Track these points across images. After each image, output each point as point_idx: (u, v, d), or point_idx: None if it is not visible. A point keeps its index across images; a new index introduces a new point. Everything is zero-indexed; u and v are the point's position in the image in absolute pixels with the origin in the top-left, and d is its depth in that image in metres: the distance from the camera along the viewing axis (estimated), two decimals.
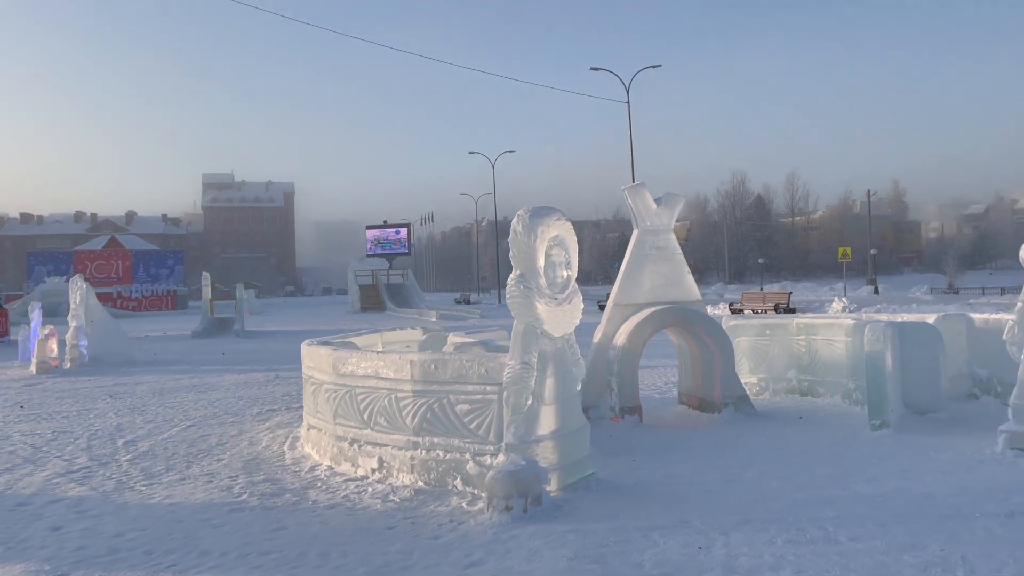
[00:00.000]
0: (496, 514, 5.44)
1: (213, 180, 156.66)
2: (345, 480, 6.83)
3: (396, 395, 6.69)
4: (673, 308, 9.17)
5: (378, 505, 6.03)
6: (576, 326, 6.34)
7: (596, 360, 9.24)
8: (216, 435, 9.28)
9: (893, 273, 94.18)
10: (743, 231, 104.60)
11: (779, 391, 10.79)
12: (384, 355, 6.84)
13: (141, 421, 10.47)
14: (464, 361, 6.31)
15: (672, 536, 5.07)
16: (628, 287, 9.41)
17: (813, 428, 8.59)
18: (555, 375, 6.07)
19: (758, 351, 11.06)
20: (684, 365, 9.89)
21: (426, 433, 6.50)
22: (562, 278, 6.13)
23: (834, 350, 10.22)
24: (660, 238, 9.49)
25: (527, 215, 5.90)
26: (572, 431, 6.20)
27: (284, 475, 7.14)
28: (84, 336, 19.72)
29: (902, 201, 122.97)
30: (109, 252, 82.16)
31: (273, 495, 6.43)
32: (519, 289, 5.84)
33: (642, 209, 9.38)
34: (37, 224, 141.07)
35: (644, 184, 9.42)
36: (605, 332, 9.31)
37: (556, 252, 6.09)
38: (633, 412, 8.90)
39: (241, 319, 32.71)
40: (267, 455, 8.07)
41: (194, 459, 7.93)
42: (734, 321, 11.35)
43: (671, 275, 9.49)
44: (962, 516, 5.34)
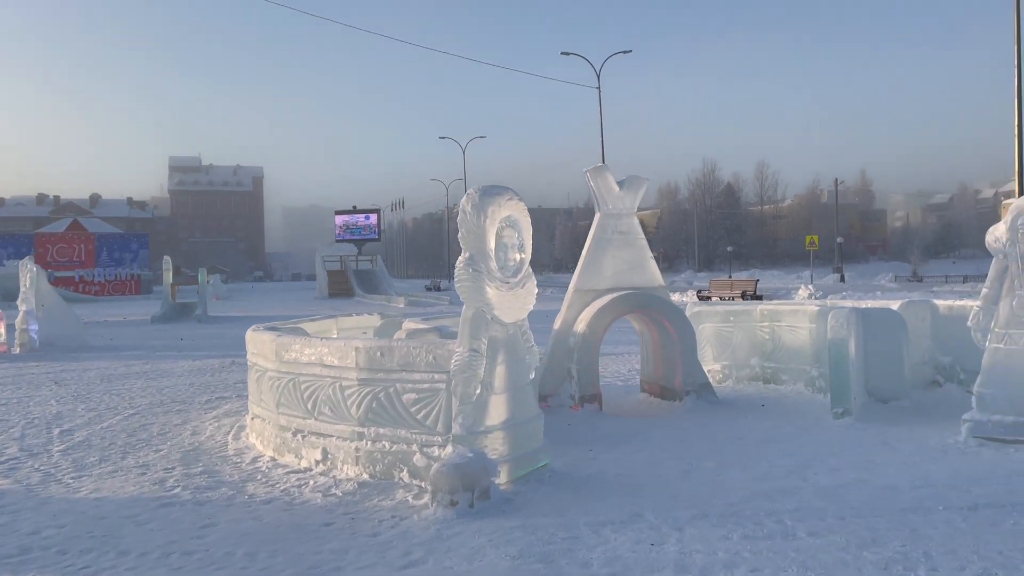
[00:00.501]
0: (440, 509, 5.15)
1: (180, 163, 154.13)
2: (287, 472, 6.50)
3: (341, 383, 6.36)
4: (635, 294, 8.92)
5: (318, 499, 5.72)
6: (530, 311, 6.05)
7: (556, 347, 8.97)
8: (159, 424, 8.89)
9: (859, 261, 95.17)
10: (713, 219, 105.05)
11: (742, 378, 10.61)
12: (328, 342, 6.51)
13: (83, 409, 10.03)
14: (411, 348, 5.99)
15: (624, 532, 4.81)
16: (589, 272, 9.14)
17: (775, 416, 8.41)
18: (506, 363, 5.78)
19: (722, 338, 10.87)
20: (646, 352, 9.66)
21: (372, 423, 6.19)
22: (515, 261, 5.84)
23: (798, 337, 10.05)
24: (623, 222, 9.22)
25: (477, 194, 5.59)
26: (524, 421, 5.92)
27: (223, 467, 6.79)
28: (34, 320, 19.08)
29: (869, 190, 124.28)
30: (71, 235, 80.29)
31: (208, 489, 6.08)
32: (468, 272, 5.54)
33: (604, 192, 9.10)
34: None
35: (607, 166, 9.13)
36: (565, 318, 9.04)
37: (508, 234, 5.79)
38: (593, 400, 8.65)
39: (204, 304, 32.04)
40: (209, 445, 7.71)
41: (131, 450, 7.55)
42: (698, 308, 11.14)
43: (633, 260, 9.23)
44: (925, 509, 5.14)
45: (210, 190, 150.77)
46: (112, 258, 76.29)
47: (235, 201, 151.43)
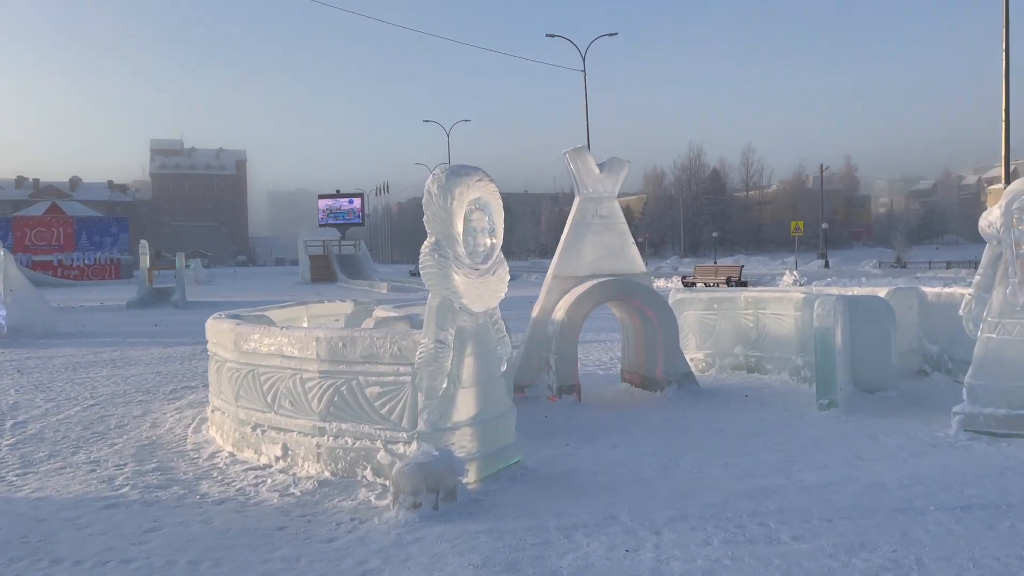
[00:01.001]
0: (402, 512, 4.82)
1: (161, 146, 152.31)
2: (245, 469, 6.15)
3: (301, 376, 6.01)
4: (615, 281, 8.59)
5: (275, 499, 5.37)
6: (501, 300, 5.71)
7: (534, 336, 8.64)
8: (118, 416, 8.51)
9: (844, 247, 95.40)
10: (699, 205, 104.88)
11: (726, 367, 10.33)
12: (288, 331, 6.14)
13: (41, 399, 9.63)
14: (375, 339, 5.64)
15: (597, 536, 4.50)
16: (568, 258, 8.80)
17: (759, 407, 8.12)
18: (475, 355, 5.44)
19: (705, 326, 10.57)
20: (627, 341, 9.35)
21: (333, 418, 5.84)
22: (484, 246, 5.49)
23: (783, 325, 9.77)
24: (603, 206, 8.88)
25: (444, 174, 5.23)
26: (494, 416, 5.59)
27: (179, 463, 6.43)
28: (1, 306, 18.56)
29: (854, 176, 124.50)
30: (50, 219, 79.04)
31: (159, 487, 5.72)
32: (433, 258, 5.18)
33: (584, 174, 8.75)
34: None
35: (586, 148, 8.78)
36: (543, 306, 8.71)
37: (478, 217, 5.44)
38: (572, 391, 8.34)
39: (181, 289, 31.49)
40: (167, 439, 7.34)
41: (84, 444, 7.17)
42: (681, 295, 10.84)
43: (614, 245, 8.90)
44: (915, 510, 4.86)
45: (192, 173, 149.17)
46: (92, 242, 75.18)
47: (218, 185, 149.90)
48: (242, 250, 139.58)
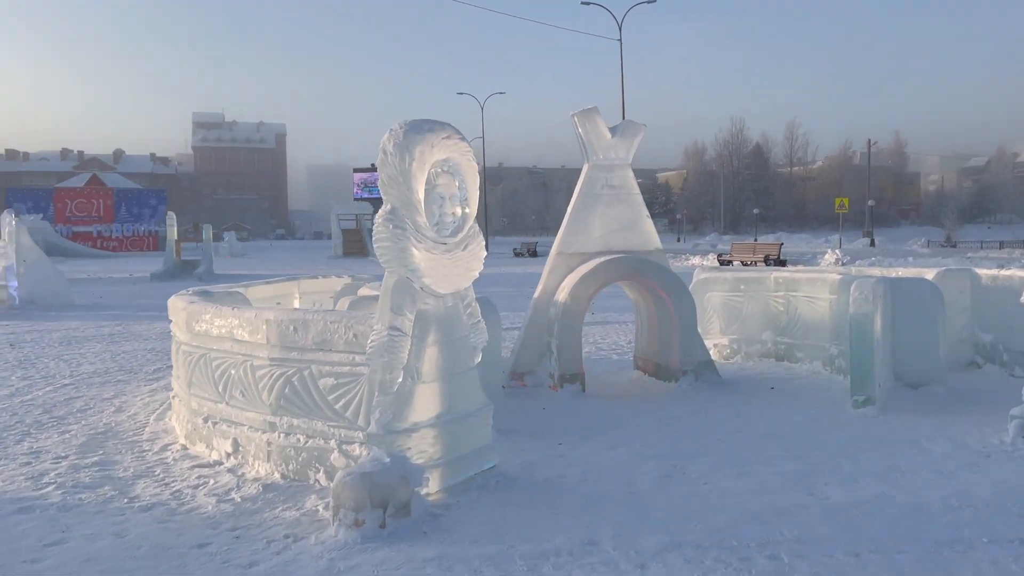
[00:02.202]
0: (343, 530, 4.07)
1: (203, 119, 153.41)
2: (193, 466, 5.46)
3: (252, 363, 5.28)
4: (626, 258, 7.72)
5: (209, 507, 4.66)
6: (475, 279, 4.90)
7: (535, 318, 7.83)
8: (86, 398, 7.90)
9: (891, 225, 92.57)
10: (740, 180, 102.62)
11: (752, 355, 9.42)
12: (239, 312, 5.41)
13: (17, 378, 9.09)
14: (328, 323, 4.87)
15: (569, 569, 3.71)
16: (574, 233, 7.95)
17: (785, 402, 7.22)
18: (440, 343, 4.64)
19: (731, 309, 9.65)
20: (640, 325, 8.49)
21: (284, 412, 5.11)
22: (453, 216, 4.67)
23: (816, 309, 8.82)
24: (615, 175, 7.99)
25: (402, 130, 4.41)
26: (463, 416, 4.80)
27: (124, 457, 5.77)
28: (14, 277, 18.24)
29: (903, 152, 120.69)
30: (90, 190, 79.93)
31: (88, 487, 5.05)
32: (387, 230, 4.38)
33: (593, 139, 7.86)
34: (22, 161, 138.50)
35: (596, 109, 7.88)
36: (546, 286, 7.87)
37: (445, 182, 4.62)
38: (575, 380, 7.52)
39: (208, 262, 31.22)
40: (126, 427, 6.70)
41: (34, 431, 6.55)
42: (705, 275, 9.92)
43: (626, 219, 8.02)
44: (963, 542, 3.98)
45: (233, 147, 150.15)
46: (131, 214, 75.84)
47: (258, 158, 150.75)
48: (281, 223, 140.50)
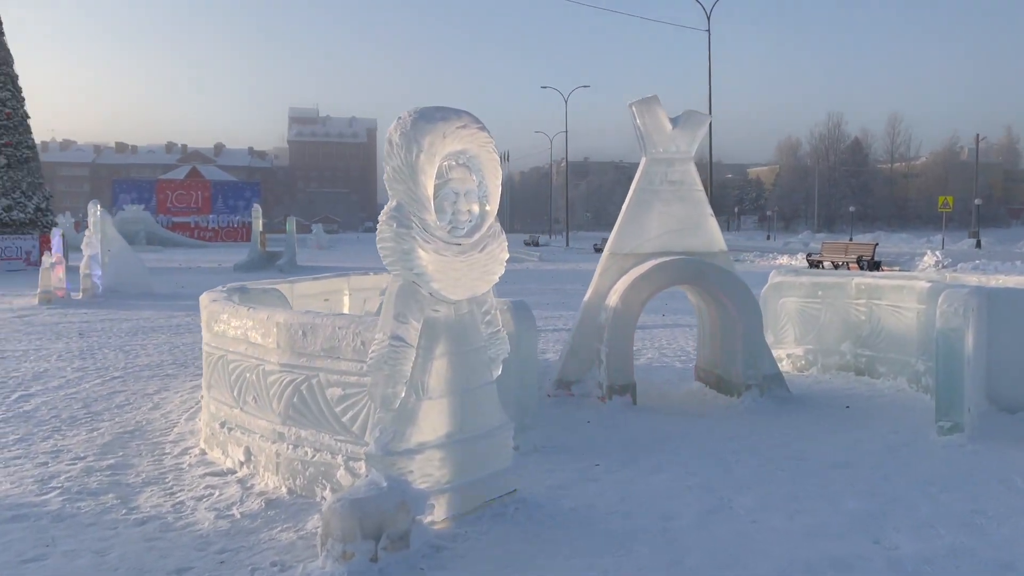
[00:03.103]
0: (330, 562, 3.66)
1: (299, 114, 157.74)
2: (204, 474, 5.19)
3: (264, 368, 4.95)
4: (684, 261, 7.10)
5: (206, 523, 4.34)
6: (494, 283, 4.43)
7: (584, 323, 7.29)
8: (128, 392, 7.80)
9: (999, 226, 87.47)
10: (836, 177, 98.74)
11: (829, 367, 8.63)
12: (253, 313, 5.09)
13: (71, 369, 9.12)
14: (336, 328, 4.49)
15: None
16: (629, 232, 7.37)
17: (860, 424, 6.48)
18: (450, 355, 4.19)
19: (807, 316, 8.88)
20: (702, 332, 7.85)
21: (293, 423, 4.76)
22: (468, 215, 4.20)
23: (902, 320, 7.98)
24: (675, 169, 7.37)
25: (410, 118, 3.97)
26: (477, 435, 4.33)
27: (142, 460, 5.54)
28: (98, 266, 18.75)
29: (1015, 148, 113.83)
30: (190, 183, 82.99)
31: (92, 493, 4.82)
32: (391, 228, 3.95)
33: (652, 130, 7.27)
34: (131, 154, 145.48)
35: (657, 98, 7.28)
36: (597, 288, 7.33)
37: (459, 176, 4.16)
38: (624, 391, 6.96)
39: (291, 253, 31.72)
40: (156, 426, 6.51)
41: (64, 428, 6.43)
42: (779, 278, 9.17)
43: (687, 218, 7.39)
44: None
45: (326, 141, 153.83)
46: (227, 205, 78.41)
47: (349, 152, 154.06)
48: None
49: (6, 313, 15.02)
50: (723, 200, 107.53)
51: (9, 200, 32.88)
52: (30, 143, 35.27)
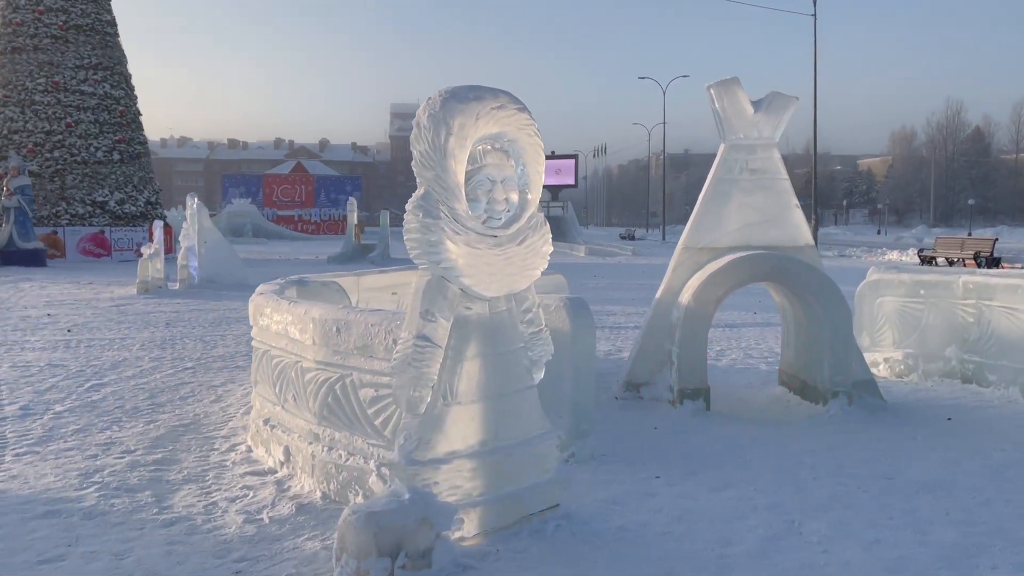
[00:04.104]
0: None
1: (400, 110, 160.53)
2: (245, 473, 5.03)
3: (301, 365, 4.75)
4: (764, 256, 6.54)
5: (232, 528, 4.16)
6: (534, 279, 4.06)
7: (654, 322, 6.83)
8: (195, 384, 7.81)
9: None
10: (955, 168, 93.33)
11: (932, 373, 7.88)
12: (293, 307, 4.88)
13: (148, 359, 9.25)
14: (369, 324, 4.22)
15: None
16: (705, 225, 6.85)
17: (962, 439, 5.80)
18: (484, 357, 3.85)
19: (908, 318, 8.14)
20: (787, 333, 7.26)
21: (327, 423, 4.53)
22: (505, 204, 3.85)
23: (1016, 323, 7.18)
24: (757, 157, 6.81)
25: (440, 98, 3.64)
26: (515, 444, 3.98)
27: (188, 456, 5.44)
28: (195, 257, 19.32)
29: None
30: (294, 177, 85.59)
31: (130, 491, 4.72)
32: (417, 218, 3.64)
33: (732, 115, 6.73)
34: (242, 150, 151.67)
35: (737, 80, 6.73)
36: (669, 284, 6.85)
37: (496, 161, 3.81)
38: (696, 396, 6.47)
39: (383, 246, 32.06)
40: (212, 420, 6.44)
41: (124, 419, 6.43)
42: (877, 275, 8.44)
43: (769, 209, 6.82)
44: None
45: None
46: (329, 199, 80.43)
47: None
48: None
49: (106, 302, 15.58)
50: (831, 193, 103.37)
51: (122, 194, 34.51)
52: (142, 139, 36.97)
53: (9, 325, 12.09)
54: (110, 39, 35.86)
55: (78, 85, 34.19)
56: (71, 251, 31.33)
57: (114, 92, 35.19)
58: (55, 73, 33.95)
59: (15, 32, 33.88)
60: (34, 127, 33.56)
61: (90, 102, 34.41)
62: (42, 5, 34.02)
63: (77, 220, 32.97)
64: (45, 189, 32.67)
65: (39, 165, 32.88)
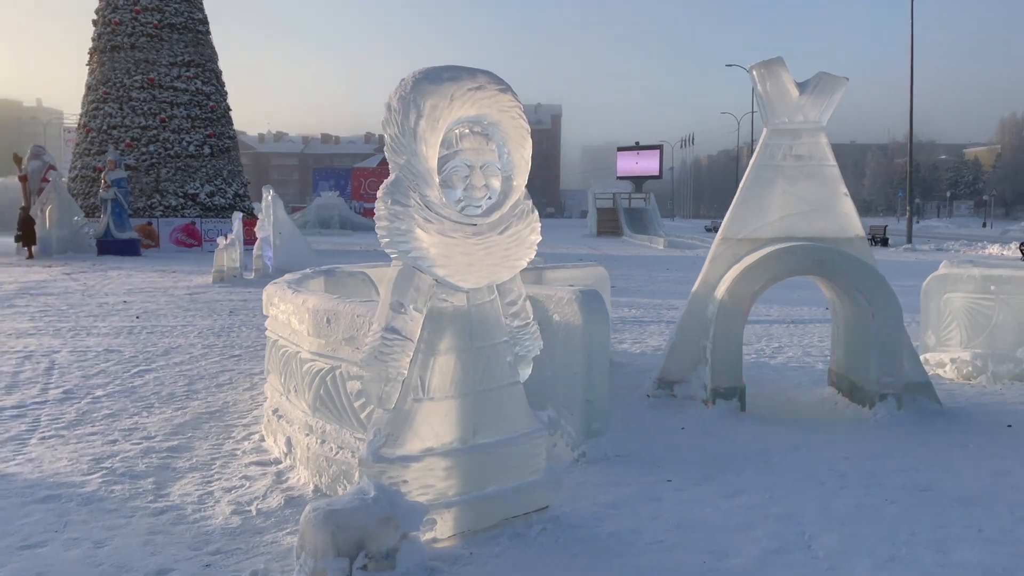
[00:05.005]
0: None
1: None
2: (250, 463, 5.00)
3: (300, 356, 4.68)
4: (802, 247, 6.13)
5: (218, 520, 4.11)
6: (518, 270, 3.85)
7: (689, 316, 6.51)
8: (236, 372, 7.91)
9: None
10: None
11: (1002, 376, 7.28)
12: (297, 296, 4.81)
13: (201, 345, 9.45)
14: (355, 316, 4.10)
15: None
16: (745, 214, 6.47)
17: (1016, 450, 5.27)
18: (459, 352, 3.66)
19: (977, 316, 7.54)
20: (837, 331, 6.80)
21: (320, 415, 4.45)
22: (485, 191, 3.65)
23: None
24: (802, 142, 6.38)
25: (412, 79, 3.47)
26: (497, 443, 3.78)
27: (203, 444, 5.46)
28: (269, 247, 19.77)
29: None
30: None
31: (133, 477, 4.75)
32: (385, 205, 3.48)
33: (775, 97, 6.32)
34: (334, 144, 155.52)
35: (782, 60, 6.32)
36: (707, 277, 6.51)
37: (473, 145, 3.61)
38: (731, 396, 6.12)
39: None
40: (239, 408, 6.49)
41: (157, 404, 6.54)
42: (944, 270, 7.85)
43: (815, 198, 6.38)
44: None
45: None
46: None
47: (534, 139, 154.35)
48: (552, 202, 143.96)
49: (182, 290, 16.10)
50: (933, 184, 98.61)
51: (212, 186, 35.75)
52: (231, 134, 38.18)
53: (85, 311, 12.60)
54: (202, 37, 37.13)
55: (172, 82, 35.56)
56: (164, 241, 32.65)
57: (205, 88, 36.44)
58: (150, 70, 35.40)
59: (114, 31, 35.48)
60: (131, 122, 35.12)
61: (183, 98, 35.75)
62: (139, 5, 35.51)
63: (170, 212, 34.34)
64: (141, 182, 34.14)
65: (135, 159, 34.39)
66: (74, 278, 18.48)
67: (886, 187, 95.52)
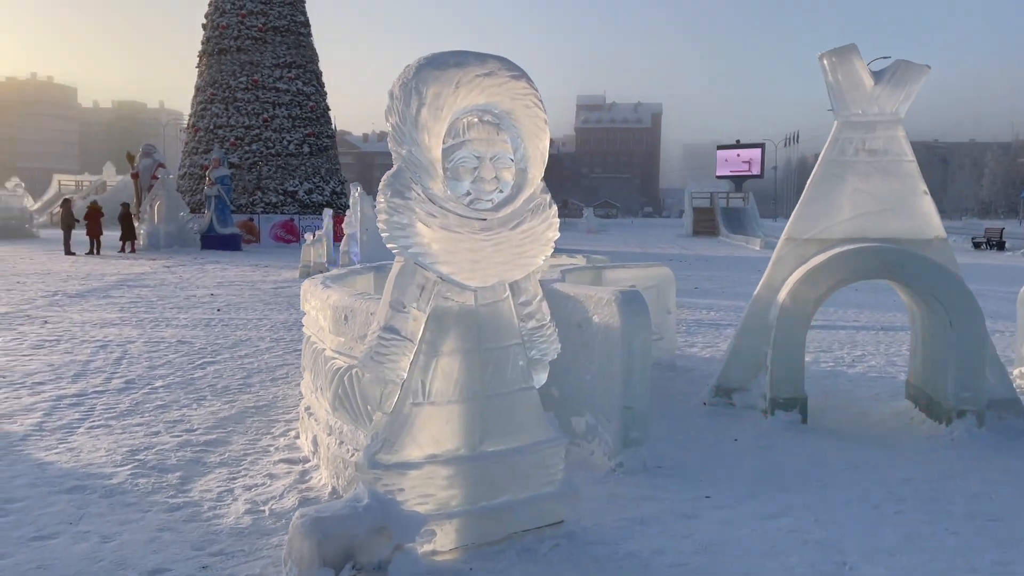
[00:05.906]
0: None
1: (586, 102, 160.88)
2: (278, 461, 4.95)
3: (324, 353, 4.58)
4: (872, 249, 5.63)
5: (230, 518, 4.05)
6: (532, 269, 3.62)
7: (751, 321, 6.11)
8: (291, 367, 7.95)
9: None
10: None
11: None
12: (325, 292, 4.71)
13: (269, 339, 9.60)
14: (369, 313, 3.96)
15: None
16: (813, 213, 6.02)
17: None
18: (463, 354, 3.46)
19: None
20: (915, 340, 6.26)
21: (339, 415, 4.33)
22: (495, 184, 3.43)
23: None
24: (876, 136, 5.88)
25: (415, 65, 3.29)
26: (506, 452, 3.56)
27: (241, 439, 5.45)
28: (356, 243, 20.09)
29: None
30: None
31: (161, 471, 4.76)
32: (386, 198, 3.31)
33: (847, 88, 5.85)
34: None
35: (855, 47, 5.84)
36: (770, 280, 6.09)
37: (481, 135, 3.39)
38: (791, 407, 5.70)
39: None
40: (286, 403, 6.48)
41: (209, 396, 6.62)
42: None
43: (890, 196, 5.87)
44: None
45: (611, 127, 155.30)
46: None
47: (634, 138, 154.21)
48: (651, 201, 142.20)
49: (268, 284, 16.50)
50: None
51: (310, 184, 36.73)
52: (330, 133, 39.13)
53: (172, 303, 13.03)
54: (303, 39, 38.19)
55: (274, 83, 36.72)
56: (264, 237, 33.74)
57: (306, 89, 37.46)
58: (254, 72, 36.64)
59: (221, 35, 36.90)
60: (236, 122, 36.45)
61: (284, 98, 36.86)
62: (245, 9, 36.81)
63: (271, 208, 35.47)
64: (243, 179, 35.39)
65: (239, 157, 35.69)
66: (172, 271, 19.23)
67: (1007, 188, 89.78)
